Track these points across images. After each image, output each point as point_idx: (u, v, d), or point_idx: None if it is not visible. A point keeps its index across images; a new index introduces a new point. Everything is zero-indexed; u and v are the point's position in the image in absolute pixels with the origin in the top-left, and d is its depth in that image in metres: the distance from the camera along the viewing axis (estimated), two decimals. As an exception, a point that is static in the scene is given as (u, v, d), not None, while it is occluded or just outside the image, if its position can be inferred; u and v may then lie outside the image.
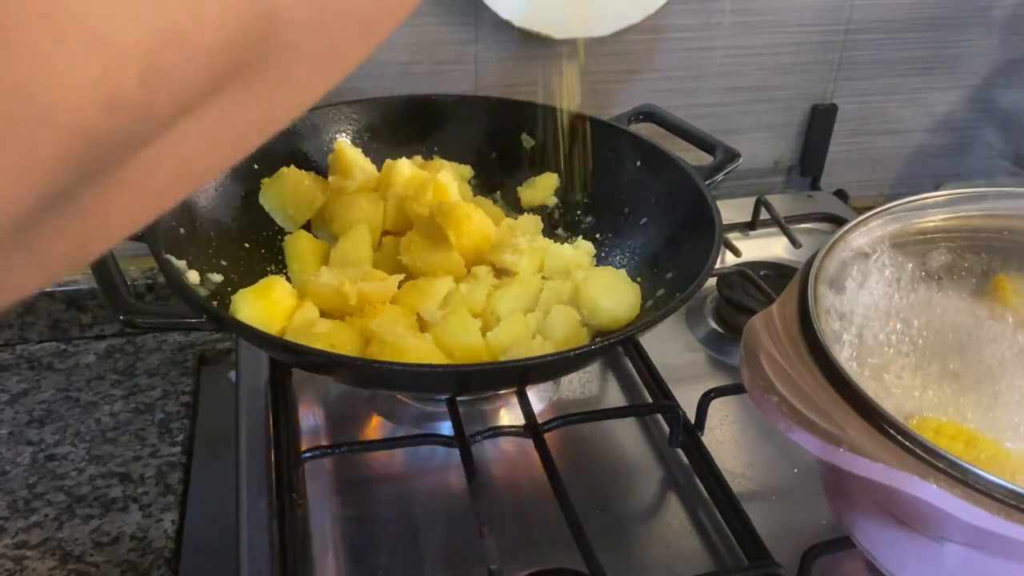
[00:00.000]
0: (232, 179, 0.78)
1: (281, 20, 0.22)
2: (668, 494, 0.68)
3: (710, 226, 0.70)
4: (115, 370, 0.88)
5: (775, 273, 0.89)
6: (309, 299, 0.71)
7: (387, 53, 0.92)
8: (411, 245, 0.76)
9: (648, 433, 0.73)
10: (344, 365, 0.62)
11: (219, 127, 0.23)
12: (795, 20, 1.02)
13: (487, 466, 0.69)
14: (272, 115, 0.25)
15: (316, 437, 0.72)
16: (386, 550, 0.62)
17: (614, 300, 0.72)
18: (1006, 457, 0.48)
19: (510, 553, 0.59)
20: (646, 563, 0.62)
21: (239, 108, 0.23)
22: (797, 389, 0.47)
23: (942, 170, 1.18)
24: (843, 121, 1.10)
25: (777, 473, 0.70)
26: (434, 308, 0.72)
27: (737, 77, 1.04)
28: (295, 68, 0.24)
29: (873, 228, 0.60)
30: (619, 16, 0.94)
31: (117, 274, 0.64)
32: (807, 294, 0.53)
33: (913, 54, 1.08)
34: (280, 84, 0.24)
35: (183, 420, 0.82)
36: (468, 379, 0.65)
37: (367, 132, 0.87)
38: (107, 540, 0.70)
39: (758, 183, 1.12)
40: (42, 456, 0.78)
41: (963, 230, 0.63)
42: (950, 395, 0.52)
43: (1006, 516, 0.41)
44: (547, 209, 0.87)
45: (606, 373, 0.80)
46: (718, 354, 0.83)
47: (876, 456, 0.43)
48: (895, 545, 0.52)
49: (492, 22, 0.92)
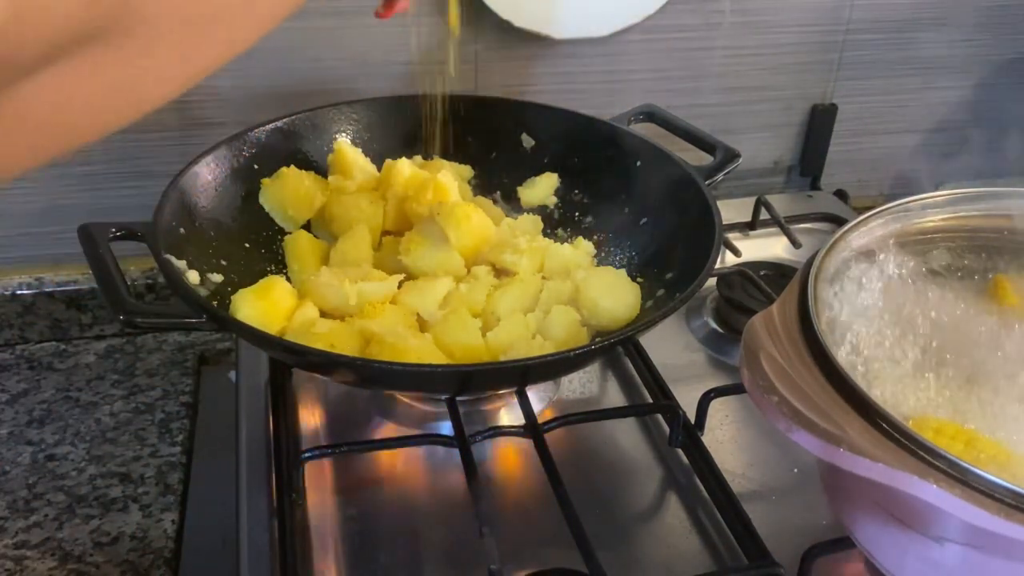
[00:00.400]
0: (232, 179, 0.78)
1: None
2: (668, 494, 0.68)
3: (710, 226, 0.70)
4: (115, 370, 0.89)
5: (775, 273, 0.89)
6: (309, 299, 0.71)
7: (387, 53, 0.92)
8: (411, 245, 0.76)
9: (648, 433, 0.73)
10: (344, 365, 0.62)
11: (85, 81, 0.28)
12: (795, 20, 1.02)
13: (487, 466, 0.69)
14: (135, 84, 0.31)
15: (316, 437, 0.72)
16: (386, 550, 0.62)
17: (614, 300, 0.72)
18: (1006, 457, 0.48)
19: (510, 553, 0.59)
20: (646, 563, 0.62)
21: (102, 67, 0.29)
22: (797, 389, 0.47)
23: (942, 170, 1.18)
24: (843, 121, 1.10)
25: (777, 473, 0.70)
26: (434, 308, 0.72)
27: (737, 77, 1.04)
28: (157, 45, 0.30)
29: (873, 228, 0.60)
30: (619, 16, 0.95)
31: (117, 274, 0.64)
32: (807, 294, 0.53)
33: (913, 54, 1.08)
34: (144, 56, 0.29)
35: (183, 420, 0.82)
36: (468, 379, 0.65)
37: (367, 132, 0.87)
38: (107, 540, 0.70)
39: (758, 183, 1.12)
40: (42, 456, 0.78)
41: (963, 230, 0.63)
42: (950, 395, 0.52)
43: (1006, 516, 0.41)
44: (547, 209, 0.87)
45: (606, 373, 0.80)
46: (718, 354, 0.83)
47: (876, 456, 0.43)
48: (895, 545, 0.52)
49: (492, 22, 0.92)
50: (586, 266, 0.79)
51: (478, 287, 0.73)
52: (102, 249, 0.66)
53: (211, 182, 0.76)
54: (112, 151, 0.91)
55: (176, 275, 0.65)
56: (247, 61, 0.90)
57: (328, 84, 0.91)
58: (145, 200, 0.72)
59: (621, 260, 0.81)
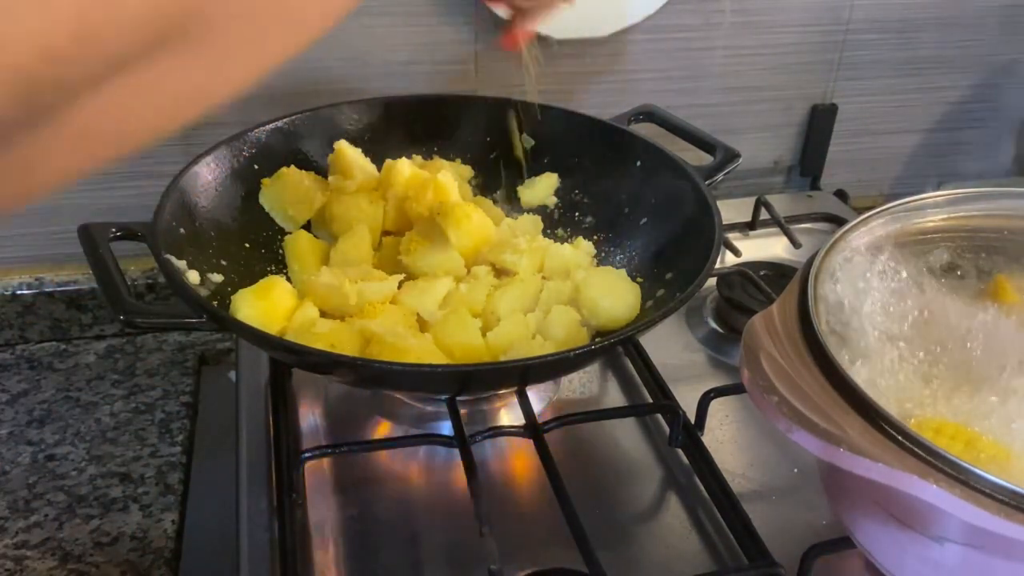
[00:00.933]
0: (232, 179, 0.78)
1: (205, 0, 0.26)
2: (668, 494, 0.68)
3: (710, 226, 0.70)
4: (115, 370, 0.89)
5: (775, 273, 0.89)
6: (309, 299, 0.71)
7: (387, 53, 0.92)
8: (411, 245, 0.76)
9: (648, 433, 0.73)
10: (344, 365, 0.62)
11: (149, 90, 0.27)
12: (795, 20, 1.02)
13: (487, 466, 0.69)
14: (200, 88, 0.29)
15: (316, 437, 0.72)
16: (386, 550, 0.62)
17: (614, 300, 0.72)
18: (1006, 457, 0.48)
19: (510, 553, 0.59)
20: (646, 563, 0.62)
21: (167, 75, 0.27)
22: (797, 389, 0.47)
23: (942, 170, 1.18)
24: (843, 121, 1.10)
25: (777, 473, 0.70)
26: (434, 308, 0.72)
27: (737, 77, 1.04)
28: (219, 47, 0.28)
29: (873, 228, 0.60)
30: (619, 16, 0.95)
31: (117, 274, 0.64)
32: (807, 294, 0.53)
33: (913, 54, 1.08)
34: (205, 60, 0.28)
35: (183, 420, 0.82)
36: (468, 379, 0.65)
37: (367, 132, 0.87)
38: (107, 540, 0.70)
39: (758, 183, 1.12)
40: (42, 456, 0.78)
41: (963, 230, 0.63)
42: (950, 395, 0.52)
43: (1006, 516, 0.41)
44: (547, 209, 0.87)
45: (606, 373, 0.80)
46: (718, 354, 0.83)
47: (876, 456, 0.43)
48: (895, 545, 0.52)
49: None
50: (586, 266, 0.79)
51: (478, 287, 0.73)
52: (102, 249, 0.66)
53: (211, 182, 0.76)
54: (112, 151, 0.91)
55: (176, 275, 0.65)
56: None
57: (328, 84, 0.91)
58: (145, 200, 0.72)
59: (621, 260, 0.81)
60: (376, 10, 0.90)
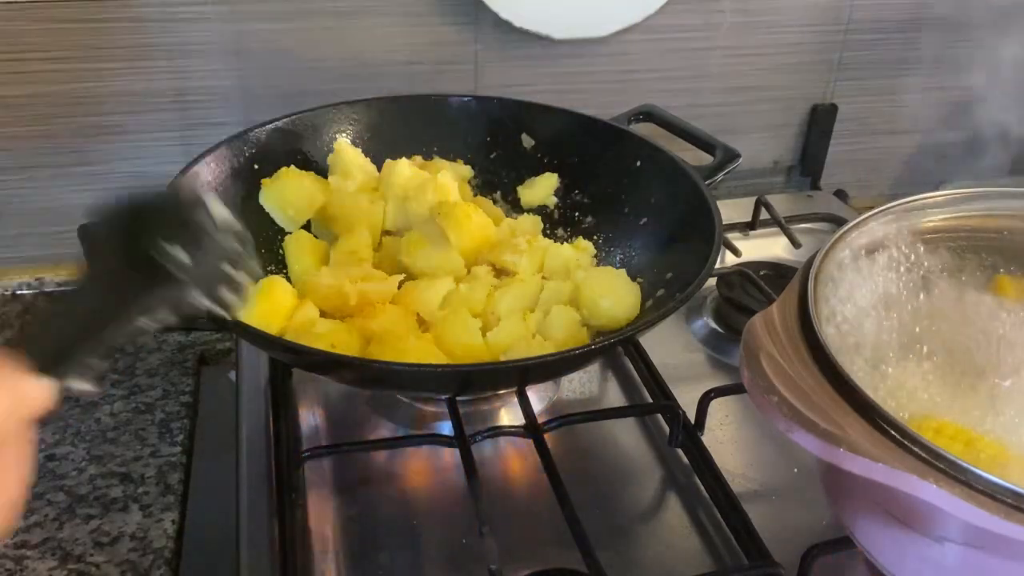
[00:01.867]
0: (232, 179, 0.78)
1: None
2: (668, 494, 0.68)
3: (710, 226, 0.70)
4: (115, 370, 0.88)
5: (775, 273, 0.89)
6: (309, 299, 0.71)
7: (387, 53, 0.92)
8: (411, 245, 0.76)
9: (648, 433, 0.73)
10: (344, 365, 0.62)
11: None
12: (795, 20, 1.02)
13: (487, 466, 0.69)
14: None
15: (316, 437, 0.72)
16: (386, 550, 0.62)
17: (614, 300, 0.72)
18: (1006, 457, 0.48)
19: (510, 553, 0.59)
20: (646, 563, 0.62)
21: None
22: (797, 389, 0.47)
23: (942, 170, 1.18)
24: (843, 121, 1.10)
25: (777, 473, 0.70)
26: (434, 308, 0.72)
27: (737, 77, 1.04)
28: None
29: (873, 228, 0.60)
30: (619, 16, 0.95)
31: (117, 274, 0.64)
32: (807, 294, 0.53)
33: (913, 54, 1.08)
34: None
35: (183, 420, 0.82)
36: (468, 379, 0.65)
37: (367, 132, 0.87)
38: (107, 540, 0.70)
39: (758, 183, 1.12)
40: (42, 456, 0.78)
41: (963, 230, 0.63)
42: (950, 395, 0.52)
43: (1006, 516, 0.41)
44: (547, 209, 0.87)
45: (606, 373, 0.80)
46: (718, 354, 0.83)
47: (876, 456, 0.43)
48: (895, 545, 0.52)
49: (492, 22, 0.92)
50: (586, 266, 0.79)
51: (478, 287, 0.73)
52: (102, 249, 0.66)
53: (211, 182, 0.76)
54: (112, 151, 0.91)
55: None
56: (247, 61, 0.90)
57: (328, 84, 0.91)
58: (145, 200, 0.72)
59: (621, 260, 0.81)
60: (376, 10, 0.90)
